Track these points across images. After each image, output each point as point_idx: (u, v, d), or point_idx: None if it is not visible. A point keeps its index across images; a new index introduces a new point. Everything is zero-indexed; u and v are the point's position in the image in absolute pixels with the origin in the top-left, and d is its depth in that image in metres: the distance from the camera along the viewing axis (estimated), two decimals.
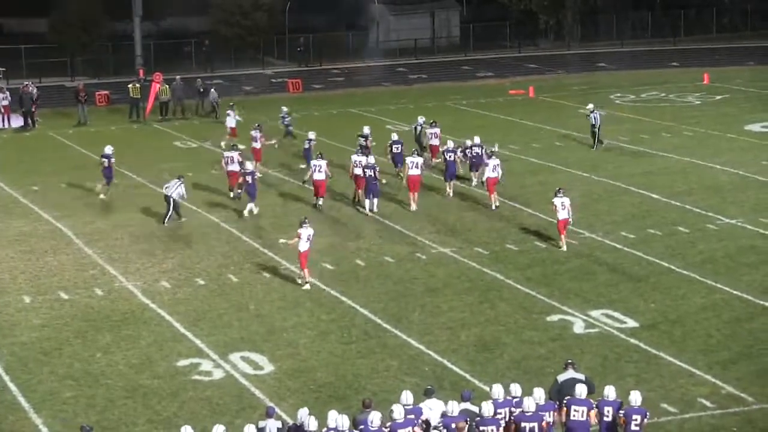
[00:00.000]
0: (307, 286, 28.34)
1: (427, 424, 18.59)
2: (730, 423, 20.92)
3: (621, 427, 18.44)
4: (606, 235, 32.35)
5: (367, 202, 35.07)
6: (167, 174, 39.97)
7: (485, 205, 35.45)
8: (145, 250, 31.76)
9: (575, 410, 18.47)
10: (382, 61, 71.40)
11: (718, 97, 55.73)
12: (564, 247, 30.96)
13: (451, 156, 37.01)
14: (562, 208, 30.91)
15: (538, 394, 18.64)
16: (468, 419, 18.15)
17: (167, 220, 34.10)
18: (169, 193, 34.07)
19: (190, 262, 30.65)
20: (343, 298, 27.69)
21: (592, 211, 34.80)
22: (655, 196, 36.50)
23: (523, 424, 18.19)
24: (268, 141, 41.18)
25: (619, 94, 57.19)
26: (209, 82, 58.78)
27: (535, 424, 18.18)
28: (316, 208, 35.44)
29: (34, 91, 51.80)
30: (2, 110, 51.32)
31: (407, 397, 18.63)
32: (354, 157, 36.00)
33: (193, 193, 35.15)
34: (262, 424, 18.48)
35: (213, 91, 53.59)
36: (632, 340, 24.75)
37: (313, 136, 39.93)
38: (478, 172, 37.76)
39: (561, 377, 19.66)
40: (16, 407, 22.13)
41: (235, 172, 36.45)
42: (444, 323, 25.98)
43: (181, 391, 22.60)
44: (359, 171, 35.24)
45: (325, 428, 17.99)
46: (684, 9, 78.32)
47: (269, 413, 18.72)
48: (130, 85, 53.15)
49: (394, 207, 35.58)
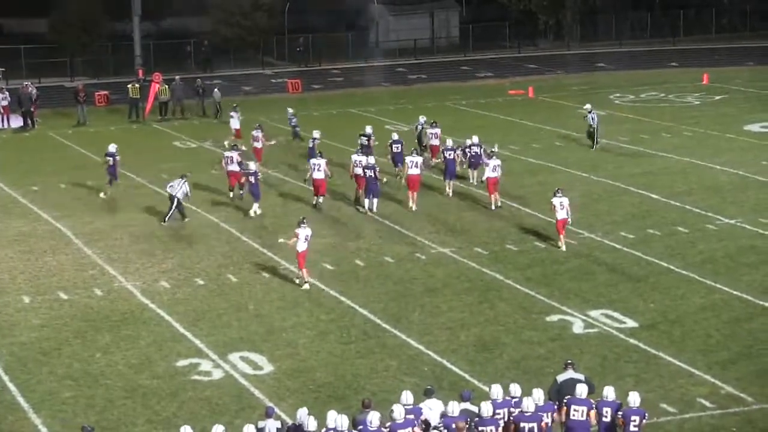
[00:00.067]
0: (306, 286, 28.33)
1: (427, 424, 18.58)
2: (730, 423, 20.91)
3: (620, 428, 18.43)
4: (605, 235, 32.35)
5: (366, 202, 35.07)
6: (166, 174, 40.00)
7: (485, 205, 35.45)
8: (145, 250, 31.76)
9: (575, 410, 18.47)
10: (381, 62, 71.40)
11: (718, 98, 55.73)
12: (563, 247, 30.96)
13: (450, 154, 37.05)
14: (560, 208, 30.91)
15: (538, 395, 18.64)
16: (468, 419, 18.15)
17: (167, 219, 34.09)
18: (174, 192, 34.06)
19: (190, 262, 30.65)
20: (343, 298, 27.68)
21: (592, 211, 34.80)
22: (654, 196, 36.50)
23: (522, 425, 18.19)
24: (269, 141, 41.19)
25: (618, 95, 57.19)
26: (209, 82, 58.80)
27: (534, 425, 18.17)
28: (315, 208, 35.45)
29: (34, 92, 51.79)
30: (2, 110, 51.32)
31: (407, 397, 18.61)
32: (354, 157, 35.99)
33: (193, 193, 35.13)
34: (261, 424, 18.47)
35: (216, 90, 53.60)
36: (632, 340, 24.75)
37: (317, 134, 39.94)
38: (477, 171, 37.85)
39: (560, 377, 19.66)
40: (16, 407, 22.12)
41: (234, 172, 36.44)
42: (443, 323, 25.97)
43: (181, 391, 22.59)
44: (359, 171, 35.25)
45: (325, 428, 17.98)
46: (683, 9, 78.32)
47: (268, 413, 18.71)
48: (130, 86, 53.17)
49: (394, 207, 35.57)
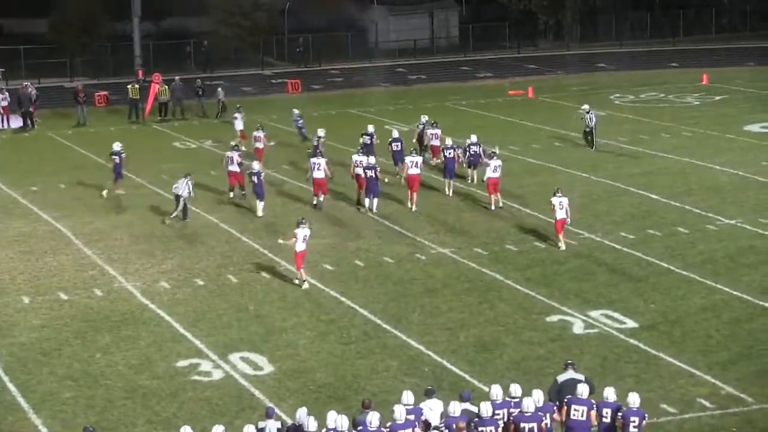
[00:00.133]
0: (306, 285, 28.33)
1: (427, 424, 18.58)
2: (730, 423, 20.91)
3: (620, 429, 18.42)
4: (605, 235, 32.34)
5: (367, 201, 35.08)
6: (166, 175, 40.02)
7: (485, 205, 35.45)
8: (145, 251, 31.75)
9: (575, 409, 18.46)
10: (381, 62, 71.39)
11: (718, 98, 55.71)
12: (562, 246, 30.96)
13: (450, 153, 37.06)
14: (560, 207, 30.91)
15: (537, 396, 18.63)
16: (469, 419, 18.15)
17: (170, 218, 34.08)
18: (179, 192, 34.06)
19: (190, 263, 30.64)
20: (343, 299, 27.68)
21: (592, 211, 34.79)
22: (654, 196, 36.49)
23: (522, 425, 18.19)
24: (270, 142, 41.24)
25: (618, 95, 57.19)
26: (209, 82, 58.78)
27: (535, 425, 18.17)
28: (315, 208, 35.42)
29: (34, 92, 51.79)
30: (2, 111, 51.31)
31: (408, 397, 18.60)
32: (355, 157, 35.99)
33: (193, 194, 35.09)
34: (261, 424, 18.46)
35: (220, 89, 53.64)
36: (632, 341, 24.74)
37: (322, 133, 39.99)
38: (477, 172, 37.89)
39: (561, 378, 19.65)
40: (16, 407, 22.12)
41: (234, 173, 36.45)
42: (443, 324, 25.96)
43: (181, 392, 22.58)
44: (360, 171, 35.25)
45: (325, 429, 17.97)
46: (683, 9, 78.33)
47: (269, 414, 18.71)
48: (130, 86, 53.17)
49: (394, 207, 35.56)
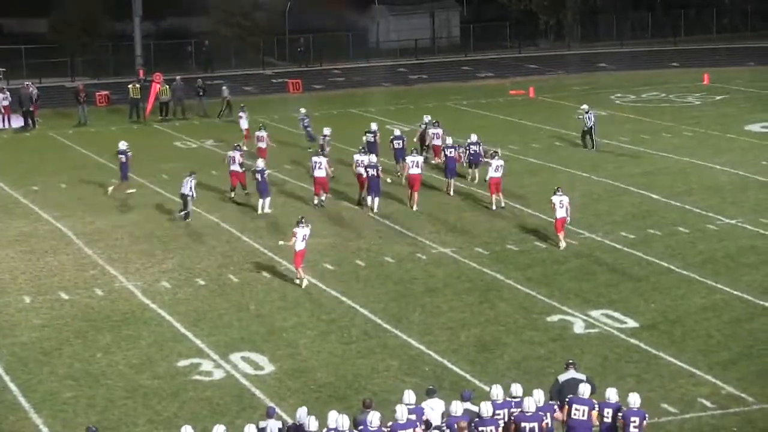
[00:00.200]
0: (306, 282, 28.35)
1: (428, 424, 18.58)
2: (731, 423, 20.91)
3: (621, 429, 18.42)
4: (606, 235, 32.34)
5: (369, 199, 35.10)
6: (166, 174, 40.08)
7: (486, 205, 35.45)
8: (145, 251, 31.76)
9: (576, 409, 18.47)
10: (382, 62, 71.40)
11: (718, 98, 55.71)
12: (562, 244, 30.97)
13: (451, 152, 37.08)
14: (560, 206, 30.91)
15: (538, 395, 18.63)
16: (470, 419, 18.16)
17: (179, 214, 34.14)
18: (184, 190, 34.10)
19: (191, 263, 30.65)
20: (344, 299, 27.69)
21: (592, 211, 34.80)
22: (655, 196, 36.49)
23: (523, 424, 18.20)
24: (272, 143, 41.36)
25: (619, 95, 57.19)
26: (209, 82, 58.77)
27: (536, 424, 18.18)
28: (315, 207, 35.41)
29: (34, 92, 51.79)
30: (3, 110, 51.33)
31: (409, 397, 18.60)
32: (356, 157, 36.01)
33: (194, 193, 35.08)
34: (262, 424, 18.47)
35: (225, 88, 53.68)
36: (632, 341, 24.75)
37: (328, 132, 40.03)
38: (478, 171, 37.95)
39: (562, 377, 19.66)
40: (17, 407, 22.13)
41: (236, 172, 36.46)
42: (444, 323, 25.97)
43: (182, 392, 22.59)
44: (361, 170, 35.26)
45: (326, 428, 17.97)
46: (684, 9, 78.34)
47: (269, 413, 18.71)
48: (130, 86, 53.18)
49: (395, 207, 35.56)
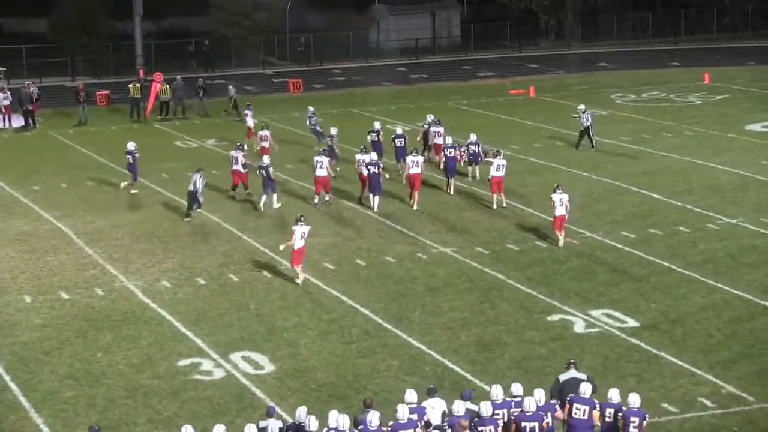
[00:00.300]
0: (301, 278, 28.37)
1: (428, 423, 18.57)
2: (731, 423, 20.91)
3: (621, 429, 18.41)
4: (606, 234, 32.34)
5: (370, 198, 35.11)
6: (167, 174, 40.10)
7: (486, 204, 35.45)
8: (146, 250, 31.75)
9: (577, 408, 18.46)
10: (382, 61, 71.39)
11: (719, 97, 55.72)
12: (561, 242, 30.99)
13: (451, 152, 37.09)
14: (560, 204, 30.92)
15: (539, 395, 18.63)
16: (471, 418, 18.16)
17: (195, 211, 34.20)
18: (195, 187, 34.11)
19: (191, 262, 30.64)
20: (344, 298, 27.68)
21: (593, 210, 34.80)
22: (655, 195, 36.48)
23: (523, 424, 18.19)
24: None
25: (620, 94, 57.19)
26: (210, 81, 58.75)
27: (536, 424, 18.17)
28: (316, 207, 35.39)
29: (35, 91, 51.80)
30: (3, 110, 51.34)
31: (411, 396, 18.58)
32: (358, 156, 36.03)
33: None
34: (263, 423, 18.45)
35: (231, 87, 53.68)
36: (633, 340, 24.74)
37: (335, 131, 40.06)
38: (478, 167, 38.00)
39: (563, 377, 19.65)
40: (17, 407, 22.13)
41: (238, 172, 36.46)
42: (444, 323, 25.96)
43: (182, 391, 22.59)
44: (363, 169, 35.25)
45: (326, 428, 17.97)
46: (684, 9, 78.36)
47: (270, 413, 18.69)
48: (131, 85, 53.18)
49: (395, 206, 35.56)
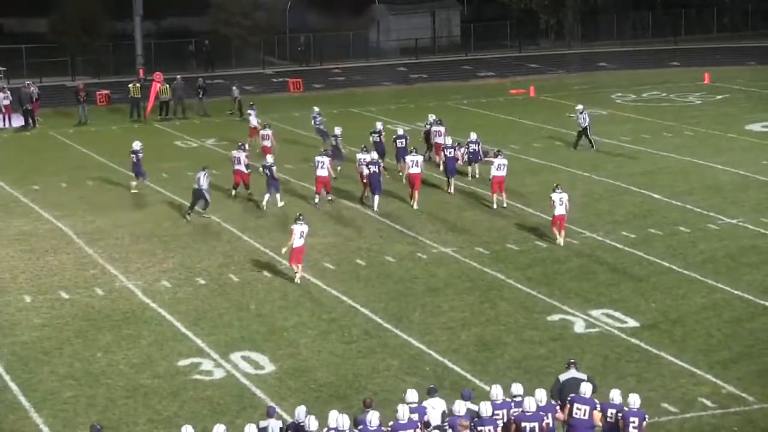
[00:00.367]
0: (300, 276, 28.39)
1: (426, 424, 18.56)
2: (731, 423, 20.91)
3: (621, 430, 18.39)
4: (607, 234, 32.34)
5: (370, 197, 35.12)
6: (167, 174, 40.09)
7: (486, 204, 35.45)
8: (146, 250, 31.75)
9: (578, 408, 18.46)
10: (382, 61, 71.39)
11: (719, 97, 55.72)
12: (560, 241, 30.99)
13: (451, 152, 37.09)
14: (559, 203, 30.94)
15: (539, 395, 18.62)
16: (471, 418, 18.16)
17: (204, 214, 34.24)
18: (202, 186, 34.11)
19: (191, 262, 30.64)
20: (344, 298, 27.68)
21: (593, 210, 34.80)
22: (656, 195, 36.48)
23: (523, 424, 18.18)
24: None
25: (620, 94, 57.19)
26: (210, 81, 58.74)
27: (536, 424, 18.17)
28: (316, 206, 35.40)
29: (35, 91, 51.80)
30: (3, 110, 51.33)
31: (412, 396, 18.56)
32: (359, 156, 36.05)
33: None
34: (263, 423, 18.45)
35: (235, 88, 53.68)
36: (633, 340, 24.74)
37: (339, 131, 40.09)
38: (478, 165, 38.05)
39: (563, 377, 19.65)
40: (17, 407, 22.13)
41: (240, 171, 36.47)
42: (445, 323, 25.96)
43: (182, 391, 22.59)
44: (364, 169, 35.27)
45: (326, 428, 17.97)
46: (684, 8, 78.36)
47: (270, 413, 18.70)
48: (131, 85, 53.16)
49: (395, 206, 35.57)
